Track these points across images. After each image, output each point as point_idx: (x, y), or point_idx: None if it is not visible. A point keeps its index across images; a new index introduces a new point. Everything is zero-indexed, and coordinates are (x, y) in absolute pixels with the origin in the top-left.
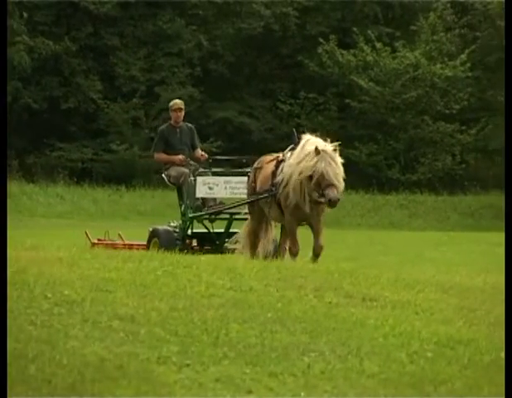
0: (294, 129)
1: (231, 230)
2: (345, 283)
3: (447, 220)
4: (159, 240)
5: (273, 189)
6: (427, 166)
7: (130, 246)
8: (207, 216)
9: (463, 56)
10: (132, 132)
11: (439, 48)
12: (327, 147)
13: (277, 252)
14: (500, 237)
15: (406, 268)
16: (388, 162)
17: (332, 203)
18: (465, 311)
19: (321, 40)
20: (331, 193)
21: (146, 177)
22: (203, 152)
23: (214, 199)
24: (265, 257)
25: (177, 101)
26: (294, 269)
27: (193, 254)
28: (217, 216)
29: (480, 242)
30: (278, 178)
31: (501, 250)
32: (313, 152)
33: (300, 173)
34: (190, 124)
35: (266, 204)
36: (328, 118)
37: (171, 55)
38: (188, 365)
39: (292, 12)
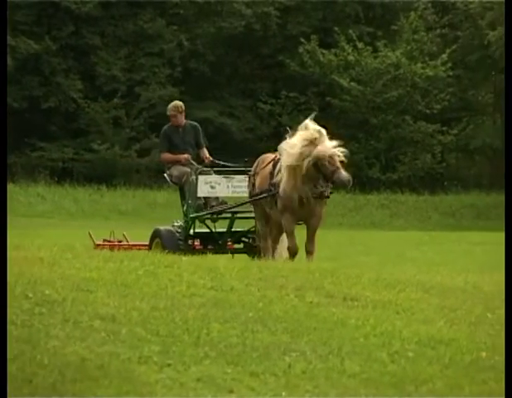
0: (288, 128)
1: (233, 230)
2: (326, 282)
3: (428, 220)
4: (161, 241)
5: (272, 189)
6: (408, 165)
7: (134, 247)
8: (209, 216)
9: (444, 56)
10: (113, 131)
11: (420, 48)
12: (315, 124)
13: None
14: (481, 237)
15: (387, 267)
16: (369, 162)
17: (347, 184)
18: (446, 311)
19: (303, 39)
20: (341, 175)
21: (127, 176)
22: (208, 155)
23: (217, 198)
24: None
25: (170, 107)
26: (275, 268)
27: (195, 254)
28: (219, 216)
29: (460, 242)
30: (276, 178)
31: (482, 250)
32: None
33: (297, 159)
34: (194, 123)
35: (267, 204)
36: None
37: (151, 54)
38: (169, 364)
39: (273, 11)
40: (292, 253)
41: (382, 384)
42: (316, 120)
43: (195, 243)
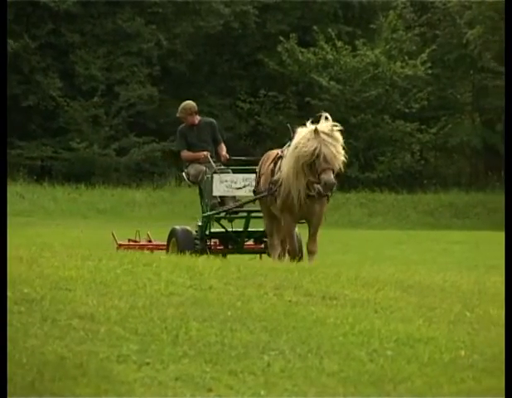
0: (289, 124)
1: (251, 230)
2: (304, 281)
3: (407, 219)
4: (177, 242)
5: (272, 187)
6: (386, 164)
7: (159, 247)
8: (222, 215)
9: (423, 55)
10: (92, 130)
11: (399, 47)
12: (325, 126)
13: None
14: (460, 235)
15: (366, 266)
16: (348, 161)
17: (327, 187)
18: (424, 309)
19: (281, 38)
20: (326, 176)
21: (105, 175)
22: (225, 153)
23: (234, 197)
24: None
25: (180, 109)
26: (254, 267)
27: (212, 254)
28: (234, 215)
29: (439, 241)
30: (276, 177)
31: (460, 248)
32: (310, 133)
33: (296, 161)
34: (209, 119)
35: (270, 202)
36: (288, 117)
37: (130, 53)
38: (148, 363)
39: (251, 10)
40: (292, 255)
41: (361, 383)
42: (294, 119)
43: (213, 243)
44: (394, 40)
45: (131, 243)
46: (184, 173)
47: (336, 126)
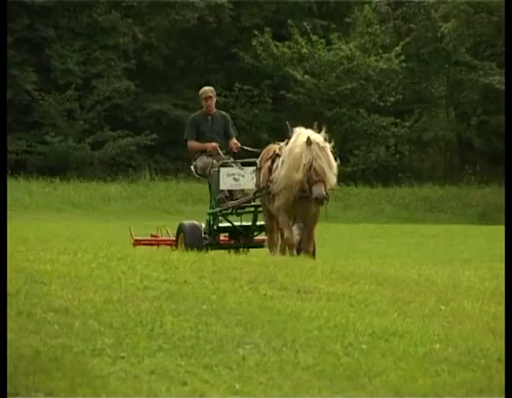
0: (287, 122)
1: (259, 223)
2: (279, 275)
3: (382, 213)
4: (184, 237)
5: (269, 186)
6: (362, 158)
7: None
8: (229, 211)
9: (398, 49)
10: (67, 124)
11: (373, 40)
12: (318, 137)
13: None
14: (434, 229)
15: (340, 260)
16: None
17: (318, 201)
18: (399, 303)
19: (256, 32)
20: (317, 190)
21: (80, 169)
22: (236, 142)
23: (242, 190)
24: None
25: (206, 89)
26: (229, 261)
27: (221, 249)
28: (241, 210)
29: (414, 234)
30: (272, 176)
31: (435, 242)
32: (304, 144)
33: (291, 173)
34: (224, 113)
35: (268, 201)
36: (263, 110)
37: (106, 47)
38: (123, 357)
39: (226, 3)
40: (290, 244)
41: (336, 376)
42: (269, 113)
43: (222, 237)
44: (369, 33)
45: (148, 238)
46: (192, 166)
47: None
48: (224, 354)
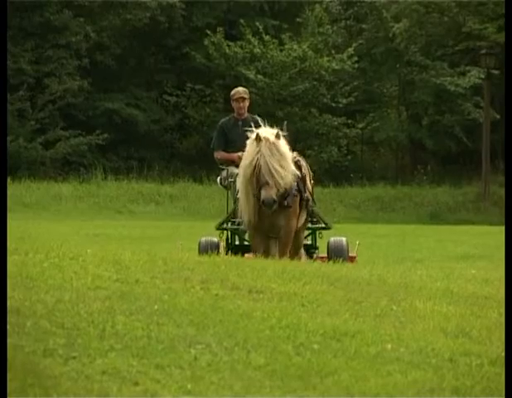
0: (285, 122)
1: None
2: (231, 275)
3: (333, 212)
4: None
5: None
6: (313, 158)
7: None
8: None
9: (350, 49)
10: (18, 123)
11: (325, 40)
12: (268, 133)
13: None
14: (386, 229)
15: (292, 260)
16: None
17: (266, 205)
18: (351, 303)
19: (208, 31)
20: (263, 193)
21: (31, 168)
22: None
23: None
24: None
25: (239, 89)
26: (180, 261)
27: None
28: None
29: (365, 234)
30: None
31: (386, 242)
32: (253, 141)
33: (243, 172)
34: (256, 116)
35: None
36: (215, 110)
37: (58, 46)
38: (74, 357)
39: (178, 3)
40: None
41: (287, 376)
42: (221, 113)
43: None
44: (321, 34)
45: None
46: (218, 178)
47: (280, 135)
48: (176, 354)
